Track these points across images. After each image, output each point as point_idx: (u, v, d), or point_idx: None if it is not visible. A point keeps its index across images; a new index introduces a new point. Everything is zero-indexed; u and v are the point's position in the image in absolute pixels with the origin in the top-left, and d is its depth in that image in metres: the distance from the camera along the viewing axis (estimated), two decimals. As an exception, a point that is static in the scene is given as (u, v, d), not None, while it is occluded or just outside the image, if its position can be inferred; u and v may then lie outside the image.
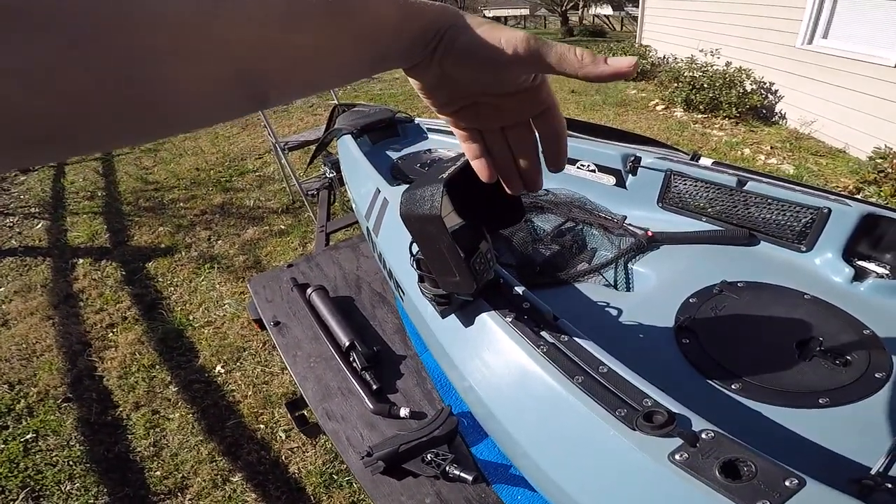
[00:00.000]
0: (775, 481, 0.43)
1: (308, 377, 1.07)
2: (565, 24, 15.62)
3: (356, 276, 1.39)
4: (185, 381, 2.15)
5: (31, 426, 1.99)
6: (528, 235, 1.15)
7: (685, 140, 4.66)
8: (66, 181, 5.07)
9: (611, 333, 0.88)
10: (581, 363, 0.60)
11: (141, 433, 1.90)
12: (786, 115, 5.12)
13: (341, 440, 0.93)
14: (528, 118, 0.40)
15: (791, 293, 0.90)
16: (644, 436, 0.51)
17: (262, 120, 3.41)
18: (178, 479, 1.69)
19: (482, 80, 0.37)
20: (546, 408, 0.61)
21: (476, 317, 0.73)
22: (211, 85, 0.25)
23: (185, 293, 2.84)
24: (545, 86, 0.39)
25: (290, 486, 1.61)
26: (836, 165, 4.06)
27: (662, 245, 1.11)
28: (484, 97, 0.39)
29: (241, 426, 1.88)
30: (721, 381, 0.75)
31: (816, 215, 0.98)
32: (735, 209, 1.09)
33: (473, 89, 0.38)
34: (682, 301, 0.92)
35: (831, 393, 0.69)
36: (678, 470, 0.47)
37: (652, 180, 1.20)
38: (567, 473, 0.58)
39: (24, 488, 1.71)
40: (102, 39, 0.20)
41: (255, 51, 0.26)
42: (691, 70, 5.66)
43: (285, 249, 3.23)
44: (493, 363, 0.70)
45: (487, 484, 0.82)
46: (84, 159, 6.52)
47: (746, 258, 1.05)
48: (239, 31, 0.25)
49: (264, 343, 2.31)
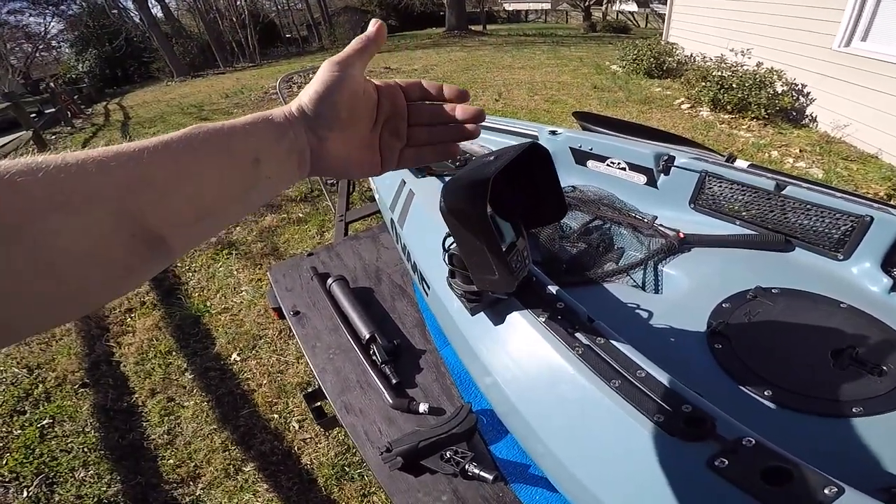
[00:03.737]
0: (815, 490, 0.43)
1: (327, 369, 1.06)
2: (588, 19, 15.42)
3: (376, 267, 1.38)
4: (200, 368, 2.17)
5: (48, 411, 2.01)
6: (555, 232, 1.13)
7: (711, 140, 4.55)
8: (90, 165, 5.14)
9: (640, 336, 0.86)
10: (618, 367, 0.58)
11: (156, 420, 1.91)
12: (817, 118, 4.97)
13: (359, 434, 0.92)
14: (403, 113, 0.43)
15: (827, 301, 0.88)
16: (683, 442, 0.50)
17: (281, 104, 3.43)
18: (191, 468, 1.70)
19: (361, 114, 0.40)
20: (579, 410, 0.60)
21: (507, 315, 0.71)
22: (97, 231, 0.25)
23: (203, 279, 2.87)
24: (387, 90, 0.42)
25: (302, 477, 1.62)
26: (867, 171, 3.93)
27: (694, 247, 1.07)
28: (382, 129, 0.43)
29: (255, 415, 1.88)
30: (754, 388, 0.74)
31: (857, 223, 0.95)
32: (771, 214, 1.06)
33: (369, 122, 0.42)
34: (714, 305, 0.90)
35: (865, 402, 0.68)
36: (718, 477, 0.47)
37: (685, 181, 1.17)
38: (598, 477, 0.57)
39: (38, 475, 1.73)
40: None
41: (132, 189, 0.27)
42: (720, 69, 5.53)
43: (303, 237, 3.24)
44: (523, 362, 0.68)
45: (506, 483, 0.81)
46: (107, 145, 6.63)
47: (781, 264, 1.02)
48: (112, 175, 0.26)
49: (280, 331, 2.32)
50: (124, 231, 0.26)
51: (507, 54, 10.36)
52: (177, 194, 0.29)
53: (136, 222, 0.27)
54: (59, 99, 9.60)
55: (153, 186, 0.28)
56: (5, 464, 1.78)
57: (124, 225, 0.26)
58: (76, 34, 18.28)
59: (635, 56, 7.42)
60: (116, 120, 9.18)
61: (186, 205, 0.30)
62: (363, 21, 18.54)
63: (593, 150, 1.32)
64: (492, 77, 7.92)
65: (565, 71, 7.98)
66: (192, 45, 17.97)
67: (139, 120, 8.47)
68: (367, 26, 0.41)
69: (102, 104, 12.29)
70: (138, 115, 9.13)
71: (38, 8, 18.83)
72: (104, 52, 17.54)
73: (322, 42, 19.35)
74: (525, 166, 0.61)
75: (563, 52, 10.08)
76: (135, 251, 0.27)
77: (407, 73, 9.14)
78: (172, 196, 0.29)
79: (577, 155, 1.37)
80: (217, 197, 0.32)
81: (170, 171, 0.29)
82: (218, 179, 0.32)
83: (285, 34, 21.97)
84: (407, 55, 11.94)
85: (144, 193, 0.27)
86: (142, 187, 0.27)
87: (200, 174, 0.31)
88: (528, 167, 0.61)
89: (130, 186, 0.27)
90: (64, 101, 9.81)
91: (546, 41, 12.22)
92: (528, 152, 0.57)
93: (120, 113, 10.00)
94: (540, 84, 7.07)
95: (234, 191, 0.33)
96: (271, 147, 0.35)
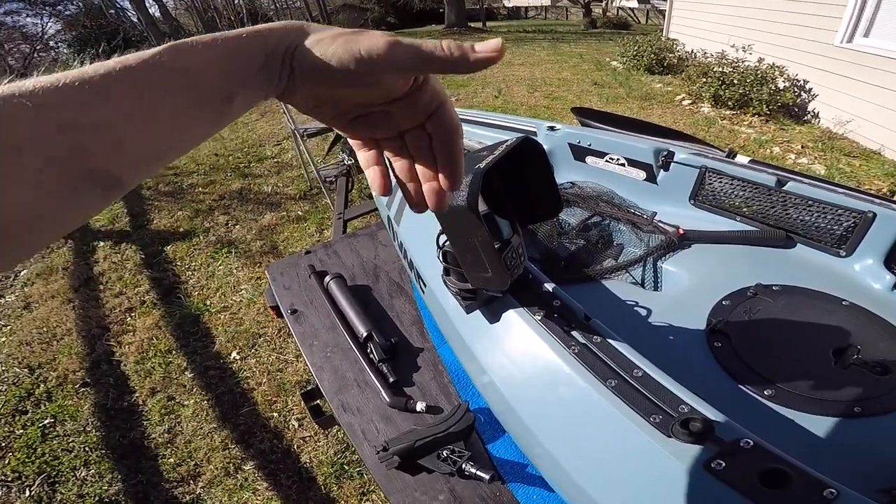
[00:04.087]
0: (813, 493, 0.43)
1: (324, 367, 1.06)
2: (588, 15, 15.33)
3: (374, 264, 1.37)
4: (200, 366, 2.16)
5: (50, 411, 2.01)
6: (553, 229, 1.12)
7: (712, 136, 4.53)
8: (90, 164, 5.14)
9: (638, 334, 0.86)
10: (614, 366, 0.58)
11: (156, 419, 1.91)
12: (819, 114, 4.95)
13: (356, 433, 0.91)
14: (421, 121, 0.37)
15: (828, 299, 0.87)
16: (680, 443, 0.49)
17: (281, 106, 3.41)
18: (191, 467, 1.70)
19: (355, 95, 0.35)
20: (575, 410, 0.59)
21: (503, 313, 0.70)
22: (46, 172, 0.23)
23: (203, 278, 2.86)
24: (429, 86, 0.36)
25: (302, 476, 1.61)
26: (869, 167, 3.91)
27: (694, 244, 1.07)
28: (370, 107, 0.36)
29: (255, 414, 1.88)
30: (754, 387, 0.73)
31: (860, 219, 0.94)
32: (772, 210, 1.05)
33: (356, 101, 0.36)
34: (714, 303, 0.89)
35: (867, 402, 0.68)
36: (715, 480, 0.46)
37: (685, 176, 1.16)
38: (594, 477, 0.57)
39: (40, 474, 1.73)
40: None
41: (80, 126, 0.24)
42: (721, 66, 5.50)
43: (302, 235, 3.23)
44: (519, 361, 0.68)
45: (503, 482, 0.81)
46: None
47: (782, 261, 1.01)
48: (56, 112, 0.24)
49: (279, 330, 2.31)
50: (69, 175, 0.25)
51: (506, 51, 10.32)
52: (128, 140, 0.27)
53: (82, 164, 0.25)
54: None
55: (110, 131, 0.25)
56: (7, 463, 1.78)
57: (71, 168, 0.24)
58: (74, 34, 18.27)
59: (636, 52, 7.38)
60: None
61: (139, 148, 0.28)
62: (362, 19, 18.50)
63: (592, 145, 1.31)
64: (491, 74, 7.88)
65: (565, 67, 7.95)
66: (191, 43, 17.96)
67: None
68: (366, 24, 0.37)
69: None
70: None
71: (34, 9, 18.79)
72: (102, 51, 17.55)
73: (322, 40, 19.15)
74: (519, 162, 0.60)
75: (563, 49, 10.03)
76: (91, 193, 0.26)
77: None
78: (123, 141, 0.26)
79: (576, 151, 1.36)
80: (176, 138, 0.30)
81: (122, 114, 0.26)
82: (180, 123, 0.29)
83: (285, 32, 21.87)
84: (407, 52, 11.88)
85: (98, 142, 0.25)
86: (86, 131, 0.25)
87: (160, 119, 0.28)
88: (522, 163, 0.60)
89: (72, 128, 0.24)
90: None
91: (546, 38, 12.16)
92: (521, 147, 0.56)
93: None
94: (540, 81, 7.04)
95: (197, 130, 0.31)
96: (249, 80, 0.31)
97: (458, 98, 6.45)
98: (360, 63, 0.31)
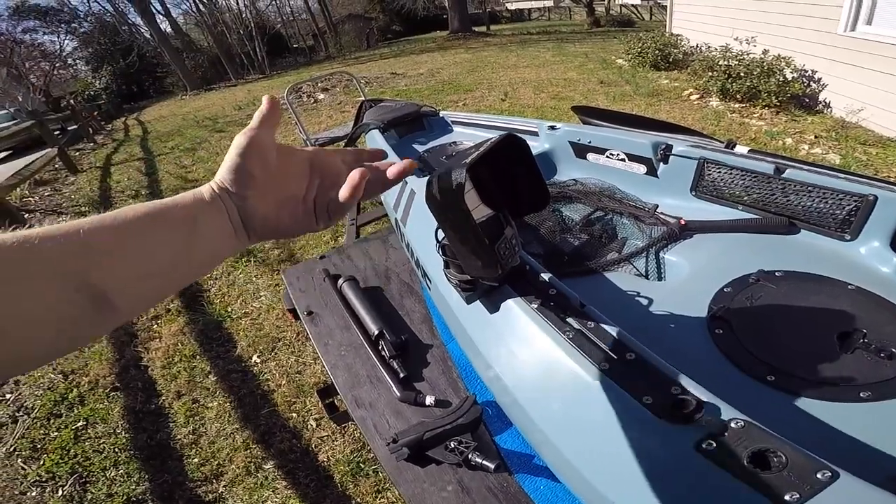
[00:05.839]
0: (806, 473, 0.42)
1: (338, 365, 1.10)
2: (591, 14, 15.26)
3: (385, 267, 1.41)
4: (223, 370, 2.24)
5: (82, 414, 2.11)
6: (557, 225, 1.14)
7: (722, 130, 4.48)
8: (111, 181, 5.30)
9: (641, 323, 0.87)
10: (607, 349, 0.59)
11: (181, 421, 1.98)
12: (830, 104, 4.85)
13: (368, 427, 0.95)
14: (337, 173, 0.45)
15: (833, 283, 0.85)
16: (671, 424, 0.50)
17: (293, 118, 3.49)
18: (214, 466, 1.75)
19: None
20: (571, 395, 0.61)
21: (501, 303, 0.73)
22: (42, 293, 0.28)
23: (224, 286, 2.95)
24: (298, 158, 0.43)
25: (319, 474, 1.65)
26: (886, 155, 3.83)
27: (696, 234, 1.08)
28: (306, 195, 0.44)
29: (275, 415, 1.93)
30: (756, 373, 0.72)
31: (861, 203, 0.93)
32: (773, 197, 1.05)
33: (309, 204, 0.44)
34: (716, 290, 0.89)
35: (874, 387, 0.66)
36: (706, 460, 0.46)
37: (684, 168, 1.17)
38: (589, 462, 0.58)
39: (72, 474, 1.80)
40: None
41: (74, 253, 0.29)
42: (726, 59, 5.44)
43: (318, 243, 3.29)
44: (518, 350, 0.70)
45: (510, 473, 0.82)
46: (128, 159, 6.84)
47: (785, 247, 1.00)
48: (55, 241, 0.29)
49: (298, 334, 2.37)
50: (69, 288, 0.29)
51: (511, 54, 10.34)
52: (119, 253, 0.31)
53: (79, 279, 0.29)
54: (80, 116, 9.85)
55: (93, 248, 0.30)
56: (43, 464, 1.86)
57: (69, 283, 0.29)
58: (90, 51, 18.79)
59: (640, 49, 7.34)
60: (136, 135, 9.41)
61: (128, 263, 0.32)
62: (367, 28, 18.66)
63: (592, 142, 1.33)
64: (497, 77, 7.92)
65: (571, 67, 7.93)
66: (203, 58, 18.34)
67: (157, 134, 8.68)
68: (372, 32, 0.43)
69: (121, 120, 12.63)
70: (156, 129, 9.36)
71: (50, 26, 19.41)
72: (118, 67, 18.02)
73: (329, 51, 19.48)
74: (506, 158, 0.62)
75: (567, 49, 10.02)
76: (80, 307, 0.29)
77: (413, 78, 9.19)
78: (114, 255, 0.31)
79: (577, 148, 1.38)
80: (158, 256, 0.34)
81: (109, 234, 0.31)
82: (158, 239, 0.34)
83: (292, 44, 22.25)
84: (412, 59, 12.00)
85: (86, 255, 0.30)
86: (83, 250, 0.30)
87: (141, 234, 0.33)
88: (510, 159, 0.63)
89: (72, 250, 0.29)
90: (85, 118, 10.07)
91: (550, 38, 12.16)
92: (506, 143, 0.59)
93: (139, 128, 10.26)
94: (546, 82, 7.05)
95: (176, 247, 0.35)
96: (205, 207, 0.37)
97: (464, 103, 6.49)
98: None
